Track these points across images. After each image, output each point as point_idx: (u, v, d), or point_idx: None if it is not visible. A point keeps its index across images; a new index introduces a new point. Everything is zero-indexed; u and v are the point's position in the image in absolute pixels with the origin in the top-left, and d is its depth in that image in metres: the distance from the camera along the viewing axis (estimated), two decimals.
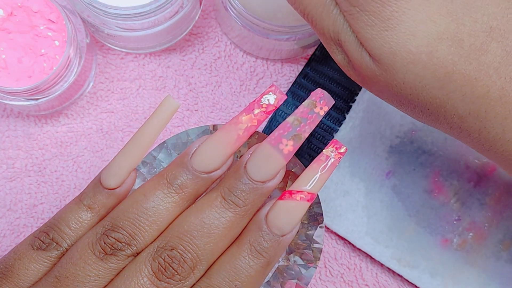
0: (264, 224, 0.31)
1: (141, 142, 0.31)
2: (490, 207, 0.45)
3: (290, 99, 0.46)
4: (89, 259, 0.30)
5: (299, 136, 0.31)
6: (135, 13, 0.39)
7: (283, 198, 0.31)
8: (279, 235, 0.31)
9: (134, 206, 0.31)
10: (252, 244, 0.31)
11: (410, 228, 0.45)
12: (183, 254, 0.30)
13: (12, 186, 0.45)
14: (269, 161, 0.31)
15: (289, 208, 0.31)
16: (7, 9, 0.40)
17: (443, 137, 0.45)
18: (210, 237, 0.30)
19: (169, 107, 0.31)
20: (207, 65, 0.47)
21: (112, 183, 0.31)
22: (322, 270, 0.46)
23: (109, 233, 0.30)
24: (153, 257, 0.30)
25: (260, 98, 0.31)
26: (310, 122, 0.31)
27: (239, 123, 0.31)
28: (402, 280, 0.46)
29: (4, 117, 0.46)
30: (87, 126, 0.46)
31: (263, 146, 0.31)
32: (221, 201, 0.31)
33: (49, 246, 0.31)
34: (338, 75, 0.46)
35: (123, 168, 0.31)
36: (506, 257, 0.45)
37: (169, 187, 0.31)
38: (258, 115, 0.31)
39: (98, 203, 0.32)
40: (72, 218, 0.31)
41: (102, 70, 0.46)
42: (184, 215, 0.31)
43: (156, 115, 0.31)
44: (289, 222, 0.31)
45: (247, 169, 0.31)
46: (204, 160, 0.31)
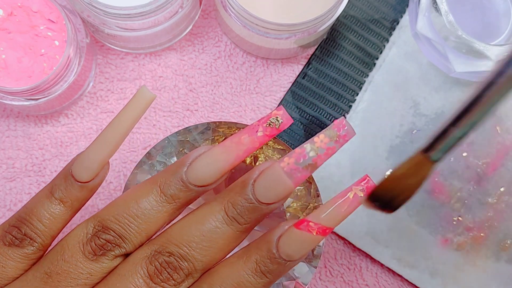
0: (274, 248, 0.30)
1: (114, 135, 0.31)
2: (490, 207, 0.45)
3: (290, 99, 0.46)
4: (80, 257, 0.30)
5: (314, 166, 0.30)
6: (135, 13, 0.39)
7: (300, 227, 0.30)
8: (286, 261, 0.31)
9: (125, 210, 0.30)
10: (259, 264, 0.31)
11: (410, 228, 0.45)
12: (180, 262, 0.30)
13: (12, 186, 0.45)
14: (278, 186, 0.30)
15: (304, 239, 0.30)
16: (7, 9, 0.40)
17: None
18: (208, 250, 0.30)
19: (143, 98, 0.30)
20: (207, 65, 0.47)
21: (85, 177, 0.31)
22: (322, 270, 0.46)
23: (100, 234, 0.30)
24: (149, 260, 0.30)
25: (266, 120, 0.31)
26: (327, 153, 0.30)
27: (240, 143, 0.30)
28: (402, 280, 0.46)
29: (4, 117, 0.46)
30: (87, 126, 0.46)
31: (275, 169, 0.30)
32: (223, 216, 0.31)
33: (23, 242, 0.30)
34: (338, 75, 0.46)
35: (96, 161, 0.31)
36: (506, 257, 0.45)
37: (161, 196, 0.31)
38: (261, 138, 0.31)
39: (70, 197, 0.31)
40: (44, 212, 0.31)
41: (102, 70, 0.46)
42: (184, 223, 0.31)
43: (130, 107, 0.30)
44: (300, 252, 0.30)
45: (255, 189, 0.30)
46: (200, 175, 0.31)
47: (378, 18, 0.47)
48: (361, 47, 0.47)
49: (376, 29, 0.47)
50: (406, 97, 0.46)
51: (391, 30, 0.47)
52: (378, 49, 0.47)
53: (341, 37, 0.47)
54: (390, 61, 0.46)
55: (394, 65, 0.46)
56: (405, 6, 0.47)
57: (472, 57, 0.42)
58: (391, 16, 0.47)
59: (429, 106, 0.46)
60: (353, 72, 0.46)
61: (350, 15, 0.47)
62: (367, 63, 0.47)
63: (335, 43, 0.47)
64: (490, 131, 0.45)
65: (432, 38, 0.43)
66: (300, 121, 0.46)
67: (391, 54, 0.46)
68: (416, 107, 0.46)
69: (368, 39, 0.47)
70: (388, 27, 0.47)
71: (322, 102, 0.46)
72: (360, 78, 0.46)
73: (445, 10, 0.41)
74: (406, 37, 0.46)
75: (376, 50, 0.47)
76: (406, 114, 0.46)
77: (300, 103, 0.46)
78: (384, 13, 0.47)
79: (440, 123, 0.25)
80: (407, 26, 0.47)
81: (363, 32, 0.47)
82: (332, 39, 0.47)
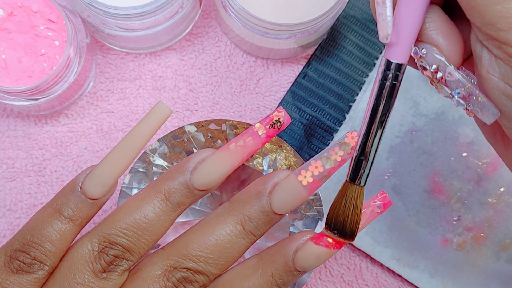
0: (291, 262, 0.31)
1: (129, 150, 0.30)
2: (490, 207, 0.45)
3: (290, 99, 0.46)
4: (91, 277, 0.29)
5: (327, 176, 0.31)
6: (135, 13, 0.39)
7: (318, 242, 0.31)
8: (300, 272, 0.31)
9: (132, 223, 0.30)
10: (275, 277, 0.31)
11: (410, 228, 0.45)
12: (196, 276, 0.30)
13: (12, 186, 0.45)
14: (296, 199, 0.30)
15: (320, 254, 0.31)
16: (7, 9, 0.40)
17: (443, 137, 0.45)
18: (225, 264, 0.31)
19: (160, 113, 0.30)
20: (207, 65, 0.47)
21: (98, 194, 0.30)
22: (322, 270, 0.46)
23: (107, 250, 0.29)
24: (167, 277, 0.30)
25: (269, 122, 0.31)
26: (340, 164, 0.31)
27: (245, 146, 0.30)
28: (402, 280, 0.46)
29: (4, 117, 0.46)
30: (87, 126, 0.46)
31: (292, 182, 0.30)
32: (240, 230, 0.30)
33: (32, 267, 0.29)
34: (338, 75, 0.46)
35: (111, 177, 0.30)
36: (506, 257, 0.45)
37: (168, 204, 0.30)
38: (264, 139, 0.31)
39: (80, 214, 0.30)
40: (54, 233, 0.29)
41: (102, 70, 0.46)
42: (200, 237, 0.30)
43: (146, 121, 0.30)
44: (315, 265, 0.31)
45: (272, 202, 0.30)
46: (207, 180, 0.30)
47: None
48: (361, 47, 0.47)
49: (376, 29, 0.47)
50: (406, 97, 0.46)
51: None
52: (378, 49, 0.47)
53: (341, 37, 0.47)
54: None
55: None
56: None
57: None
58: None
59: (429, 106, 0.46)
60: (353, 72, 0.46)
61: (350, 15, 0.47)
62: (367, 63, 0.47)
63: (335, 43, 0.47)
64: None
65: None
66: (300, 121, 0.46)
67: None
68: (416, 107, 0.46)
69: (368, 39, 0.47)
70: None
71: (322, 102, 0.46)
72: (360, 78, 0.46)
73: None
74: None
75: (376, 50, 0.47)
76: (406, 114, 0.46)
77: (300, 103, 0.46)
78: None
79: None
80: None
81: (363, 32, 0.47)
82: (332, 39, 0.47)
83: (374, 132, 0.29)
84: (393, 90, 0.28)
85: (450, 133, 0.45)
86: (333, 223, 0.30)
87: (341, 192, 0.30)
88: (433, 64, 0.28)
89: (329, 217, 0.30)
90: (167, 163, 0.38)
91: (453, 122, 0.45)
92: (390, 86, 0.28)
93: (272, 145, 0.38)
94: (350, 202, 0.30)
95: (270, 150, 0.38)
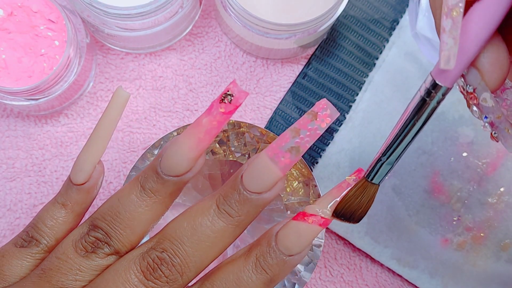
0: (273, 240, 0.31)
1: (100, 137, 0.32)
2: (490, 207, 0.45)
3: (290, 98, 0.46)
4: (71, 254, 0.31)
5: (297, 149, 0.30)
6: (135, 13, 0.39)
7: (296, 218, 0.31)
8: (286, 255, 0.31)
9: (110, 208, 0.32)
10: (258, 259, 0.31)
11: (410, 228, 0.45)
12: (172, 258, 0.30)
13: (12, 186, 0.45)
14: (265, 173, 0.30)
15: (300, 229, 0.30)
16: (7, 9, 0.40)
17: (443, 137, 0.45)
18: (200, 245, 0.31)
19: (120, 98, 0.32)
20: (207, 65, 0.47)
21: (80, 179, 0.32)
22: (322, 270, 0.46)
23: (90, 232, 0.31)
24: (142, 256, 0.31)
25: (220, 98, 0.30)
26: (309, 134, 0.30)
27: (199, 126, 0.30)
28: (402, 280, 0.46)
29: (4, 117, 0.46)
30: (87, 126, 0.46)
31: (260, 157, 0.30)
32: (214, 209, 0.31)
33: (30, 243, 0.33)
34: (338, 75, 0.46)
35: (88, 163, 0.32)
36: (506, 257, 0.45)
37: (141, 191, 0.31)
38: (218, 117, 0.30)
39: (70, 200, 0.33)
40: (47, 216, 0.33)
41: (102, 70, 0.46)
42: (178, 219, 0.31)
43: (109, 109, 0.32)
44: (297, 244, 0.31)
45: (243, 179, 0.30)
46: (171, 165, 0.31)
47: (378, 18, 0.47)
48: (361, 47, 0.47)
49: (376, 29, 0.47)
50: (406, 97, 0.46)
51: (391, 30, 0.47)
52: (378, 49, 0.47)
53: (341, 37, 0.47)
54: (390, 61, 0.46)
55: (394, 65, 0.46)
56: (405, 6, 0.47)
57: None
58: (391, 16, 0.47)
59: None
60: (353, 72, 0.46)
61: (350, 15, 0.47)
62: (367, 63, 0.47)
63: (335, 43, 0.47)
64: None
65: (432, 38, 0.43)
66: None
67: (391, 54, 0.46)
68: None
69: (368, 39, 0.47)
70: (388, 27, 0.47)
71: None
72: (360, 78, 0.46)
73: None
74: (406, 37, 0.46)
75: (376, 50, 0.47)
76: None
77: (300, 103, 0.46)
78: (384, 13, 0.47)
79: (377, 154, 0.30)
80: (407, 26, 0.47)
81: (363, 32, 0.47)
82: (332, 39, 0.47)
83: (403, 142, 0.29)
84: (433, 110, 0.29)
85: (450, 133, 0.45)
86: (342, 213, 0.31)
87: (360, 189, 0.31)
88: (472, 85, 0.28)
89: (340, 207, 0.31)
90: None
91: (453, 122, 0.45)
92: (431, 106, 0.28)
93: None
94: (366, 198, 0.31)
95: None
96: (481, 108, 0.28)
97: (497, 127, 0.28)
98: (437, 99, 0.28)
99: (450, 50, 0.26)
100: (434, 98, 0.28)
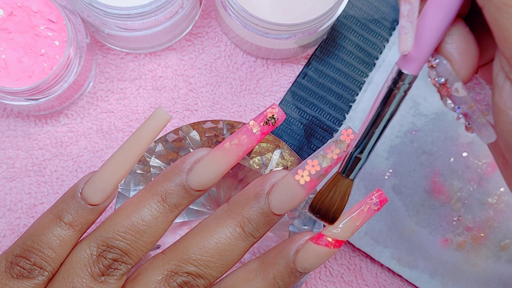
0: (292, 263, 0.31)
1: (129, 156, 0.30)
2: (490, 207, 0.45)
3: (290, 99, 0.46)
4: (89, 281, 0.29)
5: (324, 175, 0.31)
6: (135, 13, 0.39)
7: (318, 242, 0.31)
8: (302, 273, 0.31)
9: (130, 226, 0.30)
10: (277, 280, 0.31)
11: (410, 228, 0.45)
12: (197, 279, 0.30)
13: (12, 186, 0.45)
14: (294, 198, 0.30)
15: (322, 254, 0.31)
16: (7, 9, 0.40)
17: (443, 137, 0.45)
18: (225, 267, 0.31)
19: (160, 119, 0.30)
20: (207, 65, 0.47)
21: (99, 199, 0.30)
22: (322, 270, 0.46)
23: (105, 254, 0.29)
24: (168, 282, 0.30)
25: (263, 119, 0.31)
26: (336, 162, 0.31)
27: (240, 145, 0.30)
28: (402, 280, 0.46)
29: (4, 117, 0.46)
30: (87, 126, 0.46)
31: (290, 182, 0.30)
32: (240, 232, 0.30)
33: (32, 272, 0.29)
34: (338, 75, 0.46)
35: (111, 183, 0.30)
36: (506, 257, 0.45)
37: (165, 206, 0.30)
38: (259, 137, 0.31)
39: (80, 220, 0.30)
40: (54, 239, 0.29)
41: (102, 70, 0.46)
42: (200, 241, 0.30)
43: (146, 127, 0.30)
44: (316, 265, 0.31)
45: (271, 203, 0.30)
46: (204, 180, 0.30)
47: (378, 18, 0.47)
48: (361, 47, 0.47)
49: (376, 29, 0.47)
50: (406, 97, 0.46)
51: (391, 30, 0.47)
52: (378, 49, 0.47)
53: (341, 37, 0.47)
54: (390, 61, 0.46)
55: None
56: None
57: None
58: (391, 16, 0.47)
59: (429, 106, 0.46)
60: (353, 72, 0.46)
61: (350, 15, 0.47)
62: (367, 63, 0.47)
63: (335, 43, 0.47)
64: None
65: None
66: (300, 121, 0.46)
67: (391, 54, 0.46)
68: (416, 107, 0.46)
69: (368, 39, 0.47)
70: (388, 27, 0.47)
71: (322, 102, 0.46)
72: (360, 78, 0.46)
73: None
74: None
75: (376, 50, 0.47)
76: (406, 114, 0.46)
77: (300, 103, 0.46)
78: (384, 13, 0.47)
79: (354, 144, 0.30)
80: None
81: (363, 32, 0.47)
82: (332, 39, 0.47)
83: (375, 134, 0.29)
84: (401, 99, 0.29)
85: (450, 133, 0.45)
86: (317, 208, 0.31)
87: (332, 183, 0.31)
88: (443, 77, 0.28)
89: (315, 202, 0.31)
90: (164, 163, 0.38)
91: (453, 122, 0.45)
92: (399, 95, 0.29)
93: (269, 144, 0.38)
94: (339, 193, 0.30)
95: (267, 149, 0.38)
96: (454, 99, 0.28)
97: (470, 117, 0.28)
98: (404, 88, 0.28)
99: (407, 34, 0.26)
100: (401, 88, 0.28)
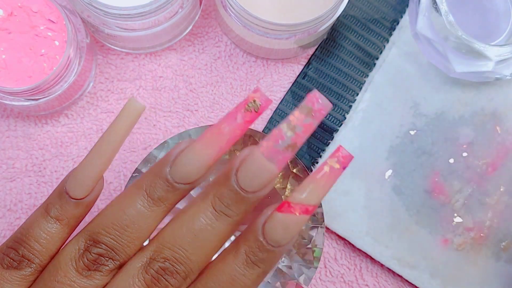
0: (261, 235, 0.30)
1: (106, 149, 0.30)
2: (490, 207, 0.45)
3: (290, 98, 0.46)
4: (73, 277, 0.29)
5: (294, 146, 0.29)
6: (135, 13, 0.39)
7: (281, 210, 0.29)
8: (275, 247, 0.30)
9: (114, 220, 0.30)
10: (248, 255, 0.30)
11: (410, 228, 0.45)
12: (176, 265, 0.30)
13: (12, 186, 0.45)
14: (262, 172, 0.29)
15: (288, 221, 0.29)
16: (7, 9, 0.40)
17: (443, 137, 0.45)
18: (202, 250, 0.30)
19: (133, 110, 0.29)
20: (207, 65, 0.47)
21: (80, 193, 0.30)
22: (322, 270, 0.46)
23: (91, 249, 0.29)
24: (145, 269, 0.29)
25: (244, 105, 0.29)
26: (305, 130, 0.29)
27: (221, 134, 0.29)
28: (402, 281, 0.46)
29: (4, 117, 0.46)
30: (87, 126, 0.46)
31: (255, 156, 0.29)
32: (212, 211, 0.30)
33: (21, 263, 0.30)
34: (338, 75, 0.46)
35: (90, 177, 0.30)
36: (506, 257, 0.45)
37: (149, 200, 0.30)
38: (242, 125, 0.29)
39: (66, 215, 0.30)
40: (40, 232, 0.30)
41: (102, 70, 0.46)
42: (175, 225, 0.30)
43: (120, 119, 0.29)
44: (286, 236, 0.29)
45: (239, 179, 0.29)
46: (185, 172, 0.29)
47: (378, 18, 0.47)
48: (361, 47, 0.47)
49: (376, 29, 0.47)
50: (406, 97, 0.46)
51: (391, 30, 0.47)
52: (378, 49, 0.47)
53: (341, 37, 0.47)
54: (390, 61, 0.46)
55: (394, 65, 0.46)
56: (405, 6, 0.47)
57: (472, 57, 0.42)
58: (391, 16, 0.47)
59: (429, 106, 0.46)
60: (353, 72, 0.46)
61: (350, 15, 0.47)
62: (367, 63, 0.47)
63: (335, 43, 0.47)
64: (490, 131, 0.45)
65: (432, 38, 0.43)
66: None
67: (391, 54, 0.46)
68: (416, 107, 0.46)
69: (368, 39, 0.47)
70: (388, 27, 0.47)
71: None
72: (360, 78, 0.46)
73: (445, 11, 0.41)
74: (406, 37, 0.46)
75: (376, 50, 0.47)
76: (406, 114, 0.46)
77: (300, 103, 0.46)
78: (384, 13, 0.47)
79: None
80: (407, 26, 0.47)
81: (363, 32, 0.47)
82: (332, 39, 0.47)
83: None
84: None
85: (450, 133, 0.45)
86: None
87: None
88: None
89: None
90: None
91: (453, 122, 0.45)
92: None
93: None
94: None
95: None
96: None
97: None
98: None
99: None
100: None
